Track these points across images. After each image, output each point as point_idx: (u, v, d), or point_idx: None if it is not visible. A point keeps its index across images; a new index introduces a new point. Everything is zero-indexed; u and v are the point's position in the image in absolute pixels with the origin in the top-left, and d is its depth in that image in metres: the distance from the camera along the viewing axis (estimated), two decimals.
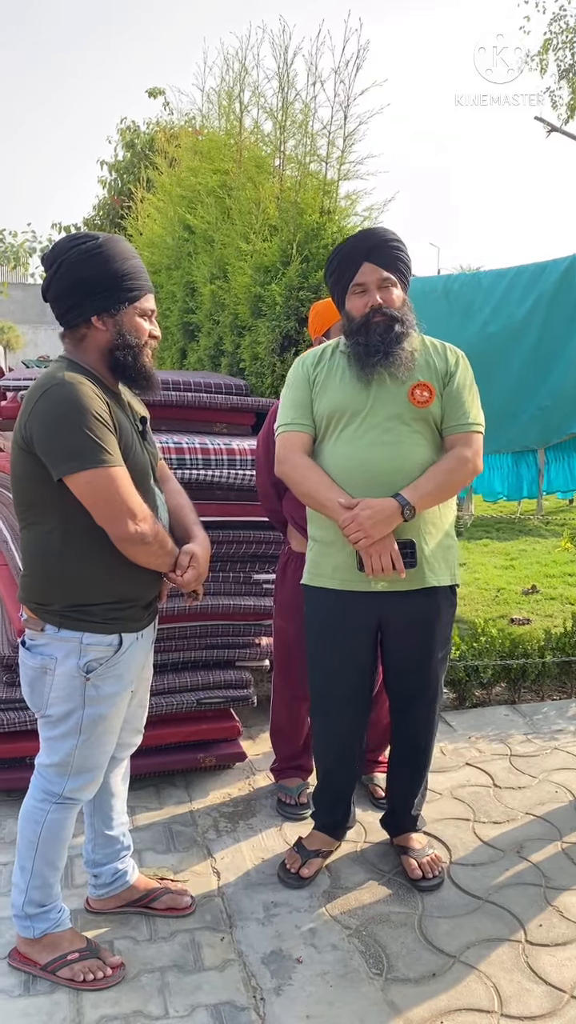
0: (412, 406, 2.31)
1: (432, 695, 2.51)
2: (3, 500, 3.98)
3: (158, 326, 2.14)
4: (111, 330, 2.02)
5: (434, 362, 2.38)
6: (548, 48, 13.62)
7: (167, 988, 2.14)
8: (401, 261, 2.38)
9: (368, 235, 2.40)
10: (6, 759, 2.91)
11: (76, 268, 1.98)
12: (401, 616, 2.41)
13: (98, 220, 11.82)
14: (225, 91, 5.28)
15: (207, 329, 5.07)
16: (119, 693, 2.11)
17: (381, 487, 2.27)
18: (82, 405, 1.90)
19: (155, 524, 2.02)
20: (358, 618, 2.42)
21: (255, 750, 3.36)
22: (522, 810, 2.95)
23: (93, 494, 1.92)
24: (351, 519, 2.22)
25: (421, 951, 2.27)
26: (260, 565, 3.28)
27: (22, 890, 2.16)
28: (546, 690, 3.95)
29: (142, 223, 7.16)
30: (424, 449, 2.33)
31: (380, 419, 2.31)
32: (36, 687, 2.10)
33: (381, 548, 2.24)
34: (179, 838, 2.79)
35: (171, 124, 9.26)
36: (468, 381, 2.41)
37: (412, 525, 2.30)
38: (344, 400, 2.35)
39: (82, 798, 2.17)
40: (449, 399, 2.36)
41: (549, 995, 2.12)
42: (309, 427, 2.40)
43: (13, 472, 2.05)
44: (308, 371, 2.45)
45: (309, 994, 2.13)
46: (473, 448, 2.34)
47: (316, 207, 4.08)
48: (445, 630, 2.49)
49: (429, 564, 2.37)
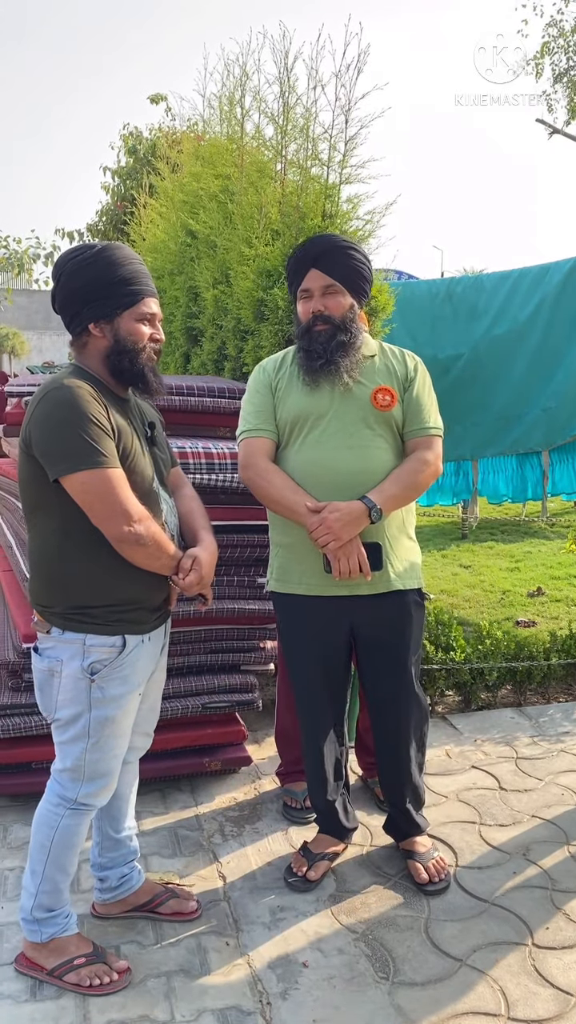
0: (375, 410, 2.35)
1: (408, 697, 2.52)
2: (8, 506, 4.00)
3: (161, 329, 2.16)
4: (108, 336, 2.07)
5: (394, 367, 2.43)
6: (545, 52, 13.66)
7: (173, 993, 2.13)
8: (351, 268, 2.37)
9: (316, 242, 2.42)
10: (12, 764, 2.92)
11: (73, 278, 2.04)
12: (371, 620, 2.43)
13: (101, 226, 11.86)
14: (226, 96, 5.28)
15: (210, 334, 5.08)
16: (125, 695, 2.12)
17: (347, 490, 2.29)
18: (78, 408, 1.94)
19: (151, 525, 2.02)
20: (329, 622, 2.45)
21: (260, 754, 3.36)
22: (528, 813, 2.94)
23: (88, 495, 1.95)
24: (319, 522, 2.24)
25: (427, 955, 2.27)
26: (264, 569, 3.28)
27: (32, 894, 2.17)
28: (552, 692, 3.95)
29: (145, 228, 7.18)
30: (387, 453, 2.37)
31: (344, 423, 2.34)
32: (45, 690, 2.13)
33: (349, 550, 2.26)
34: (185, 842, 2.79)
35: (173, 130, 9.29)
36: (427, 386, 2.46)
37: (377, 529, 2.33)
38: (307, 405, 2.37)
39: (96, 804, 2.18)
40: (409, 404, 2.40)
41: (556, 998, 2.11)
42: (272, 433, 2.42)
43: (19, 475, 2.09)
44: (269, 377, 2.48)
45: (316, 998, 2.12)
46: (434, 451, 2.39)
47: (318, 211, 4.08)
48: (417, 633, 2.51)
49: (393, 568, 2.40)
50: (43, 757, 2.91)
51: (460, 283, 5.29)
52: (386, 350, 2.47)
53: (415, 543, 2.53)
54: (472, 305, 5.09)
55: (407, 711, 2.53)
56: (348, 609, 2.42)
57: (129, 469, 2.01)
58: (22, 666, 2.90)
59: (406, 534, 2.47)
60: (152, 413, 2.28)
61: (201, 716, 3.12)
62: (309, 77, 4.13)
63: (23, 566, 3.20)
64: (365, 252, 2.44)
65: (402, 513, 2.43)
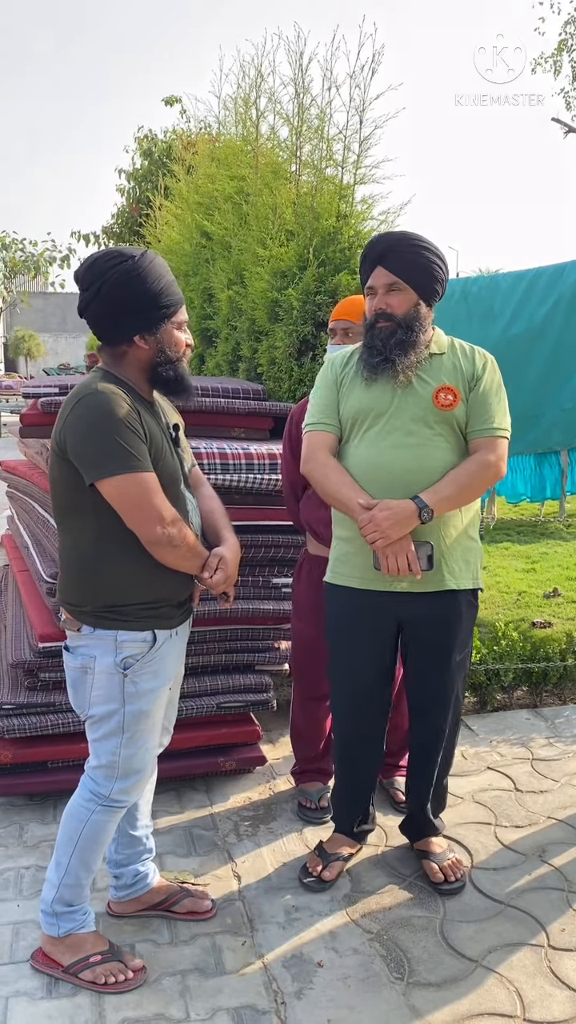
0: (436, 409, 2.31)
1: (450, 699, 2.50)
2: (25, 507, 4.02)
3: (190, 333, 2.19)
4: (153, 347, 2.08)
5: (461, 365, 2.37)
6: (562, 49, 13.62)
7: (188, 991, 2.14)
8: (418, 265, 2.33)
9: (383, 238, 2.39)
10: (28, 763, 2.93)
11: (116, 291, 2.01)
12: (420, 618, 2.41)
13: (117, 228, 11.92)
14: (241, 98, 5.30)
15: (225, 335, 5.09)
16: (157, 689, 2.16)
17: (402, 489, 2.27)
18: (113, 413, 1.97)
19: (183, 528, 2.06)
20: (377, 618, 2.42)
21: (275, 754, 3.36)
22: (544, 814, 2.93)
23: (122, 498, 1.98)
24: (368, 519, 2.23)
25: (443, 955, 2.26)
26: (279, 569, 3.29)
27: (54, 886, 2.19)
28: (568, 694, 3.92)
29: (160, 230, 7.22)
30: (446, 452, 2.32)
31: (403, 421, 2.31)
32: (79, 688, 2.16)
33: (397, 549, 2.24)
34: (200, 842, 2.80)
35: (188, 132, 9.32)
36: (495, 385, 2.39)
37: (431, 528, 2.30)
38: (368, 402, 2.35)
39: (128, 800, 2.21)
40: (475, 403, 2.35)
41: (572, 1000, 2.10)
42: (335, 427, 2.42)
43: (50, 477, 2.12)
44: (336, 372, 2.47)
45: (330, 998, 2.12)
46: (497, 453, 2.32)
47: (332, 212, 4.09)
48: (465, 634, 2.48)
49: (448, 567, 2.37)
50: (59, 756, 2.93)
51: (476, 283, 5.28)
52: (456, 347, 2.41)
53: (476, 542, 2.46)
54: (488, 305, 5.08)
55: (447, 714, 2.51)
56: (398, 606, 2.39)
57: (159, 471, 2.04)
58: (38, 665, 2.92)
59: (465, 533, 2.41)
60: (173, 414, 2.29)
61: (216, 716, 3.12)
62: (324, 78, 4.14)
63: (39, 566, 3.22)
64: (438, 249, 2.37)
65: (461, 512, 2.38)
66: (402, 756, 3.05)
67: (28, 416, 3.19)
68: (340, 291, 3.83)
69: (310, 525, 2.82)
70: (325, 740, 3.02)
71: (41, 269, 17.56)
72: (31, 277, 18.00)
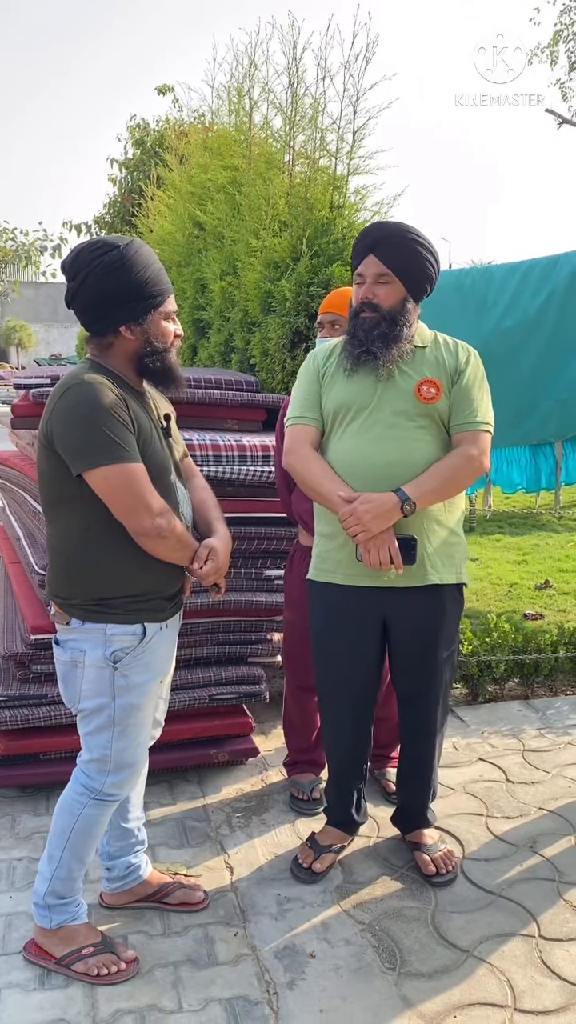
0: (418, 402, 2.30)
1: (437, 692, 2.50)
2: (16, 498, 4.00)
3: (180, 323, 2.17)
4: (139, 338, 2.06)
5: (444, 359, 2.36)
6: (558, 40, 13.59)
7: (181, 982, 2.15)
8: (410, 260, 2.31)
9: (379, 226, 2.37)
10: (20, 755, 2.93)
11: (102, 281, 1.99)
12: (405, 613, 2.41)
13: (109, 218, 11.86)
14: (235, 87, 5.27)
15: (217, 326, 5.07)
16: (148, 682, 2.15)
17: (384, 482, 2.26)
18: (100, 404, 1.95)
19: (171, 518, 2.04)
20: (362, 613, 2.42)
21: (268, 746, 3.37)
22: (535, 805, 2.94)
23: (110, 489, 1.97)
24: (350, 512, 2.22)
25: (434, 946, 2.28)
26: (272, 561, 3.29)
27: (46, 879, 2.19)
28: (559, 685, 3.94)
29: (153, 220, 7.17)
30: (429, 446, 2.32)
31: (385, 414, 2.30)
32: (69, 681, 2.15)
33: (379, 543, 2.24)
34: (192, 833, 2.81)
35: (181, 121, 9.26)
36: (478, 379, 2.38)
37: (415, 521, 2.30)
38: (350, 395, 2.34)
39: (120, 794, 2.20)
40: (457, 397, 2.34)
41: (563, 989, 2.12)
42: (317, 421, 2.40)
43: (38, 469, 2.10)
44: (319, 365, 2.45)
45: (322, 988, 2.13)
46: (479, 446, 2.32)
47: (326, 202, 4.07)
48: (450, 629, 2.48)
49: (431, 561, 2.36)
50: (51, 748, 2.93)
51: (468, 275, 5.25)
52: (439, 341, 2.40)
53: (459, 537, 2.46)
54: (481, 297, 5.06)
55: (434, 707, 2.52)
56: (382, 601, 2.39)
57: (148, 462, 2.03)
58: (30, 657, 2.91)
59: (447, 528, 2.41)
60: (165, 405, 2.28)
61: (208, 708, 3.12)
62: (318, 68, 4.11)
63: (31, 558, 3.21)
64: (432, 247, 2.34)
65: (444, 507, 2.38)
66: (393, 747, 3.06)
67: (19, 407, 3.17)
68: (333, 282, 3.81)
69: (301, 517, 2.82)
70: (317, 731, 3.03)
71: (32, 259, 17.47)
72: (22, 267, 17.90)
